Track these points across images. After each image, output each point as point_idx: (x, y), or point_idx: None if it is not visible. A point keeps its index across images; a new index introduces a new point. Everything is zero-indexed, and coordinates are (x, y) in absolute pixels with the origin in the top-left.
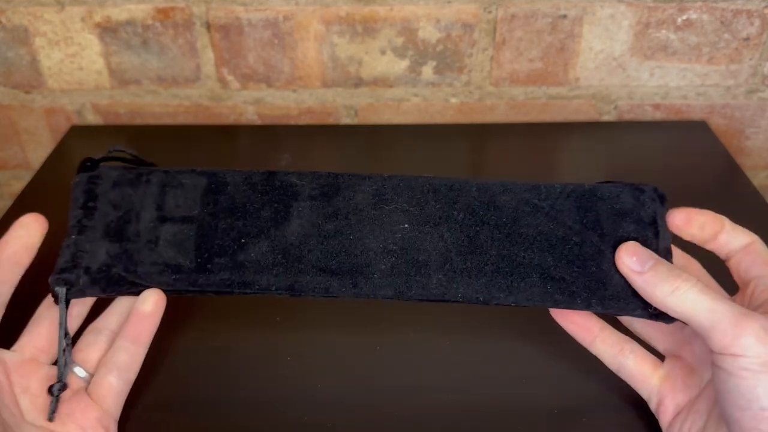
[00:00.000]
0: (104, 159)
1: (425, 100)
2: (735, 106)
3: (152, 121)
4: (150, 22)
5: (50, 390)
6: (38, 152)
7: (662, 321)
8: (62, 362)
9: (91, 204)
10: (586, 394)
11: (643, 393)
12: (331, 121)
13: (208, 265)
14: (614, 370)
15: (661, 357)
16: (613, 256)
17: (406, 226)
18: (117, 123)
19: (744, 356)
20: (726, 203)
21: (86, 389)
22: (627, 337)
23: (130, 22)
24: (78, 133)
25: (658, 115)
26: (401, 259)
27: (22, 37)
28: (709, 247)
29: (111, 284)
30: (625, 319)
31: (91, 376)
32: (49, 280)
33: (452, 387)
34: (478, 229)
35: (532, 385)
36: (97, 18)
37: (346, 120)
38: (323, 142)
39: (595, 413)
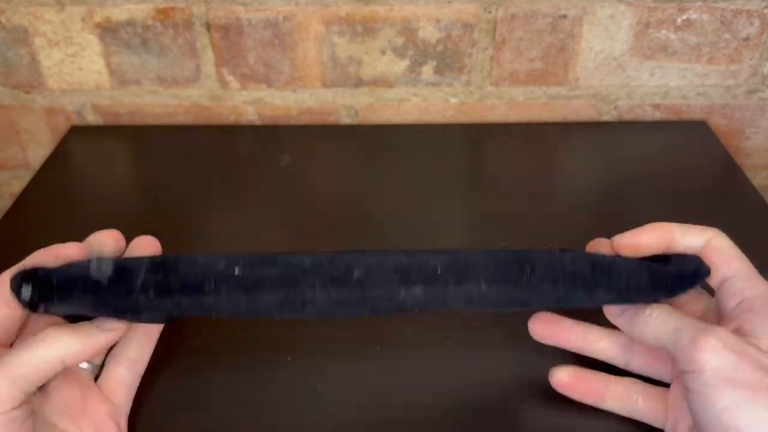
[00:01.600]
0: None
1: (425, 100)
2: (735, 106)
3: (152, 121)
4: (150, 22)
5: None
6: (38, 152)
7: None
8: None
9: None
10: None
11: (660, 425)
12: (331, 121)
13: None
14: (627, 415)
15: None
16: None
17: None
18: (117, 123)
19: (702, 371)
20: (726, 203)
21: (95, 381)
22: (632, 380)
23: (130, 23)
24: (78, 133)
25: (658, 115)
26: None
27: (21, 37)
28: None
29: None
30: (630, 363)
31: (96, 366)
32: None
33: (452, 387)
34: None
35: (532, 385)
36: (97, 18)
37: (346, 120)
38: (323, 142)
39: (595, 413)
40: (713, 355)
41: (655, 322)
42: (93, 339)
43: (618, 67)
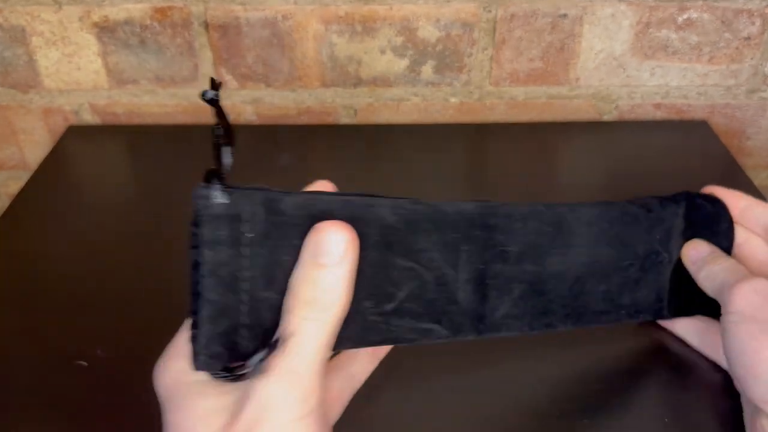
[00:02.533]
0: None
1: (425, 100)
2: (736, 105)
3: (150, 121)
4: (148, 21)
5: None
6: (36, 152)
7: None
8: None
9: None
10: (586, 395)
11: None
12: (330, 121)
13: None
14: (696, 348)
15: None
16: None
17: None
18: (115, 123)
19: (731, 312)
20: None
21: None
22: (707, 319)
23: (128, 22)
24: (76, 133)
25: (659, 115)
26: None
27: (19, 36)
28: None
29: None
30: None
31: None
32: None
33: (452, 387)
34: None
35: (532, 385)
36: (95, 17)
37: (345, 120)
38: (322, 142)
39: (595, 414)
40: (742, 298)
41: (714, 273)
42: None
43: (618, 67)
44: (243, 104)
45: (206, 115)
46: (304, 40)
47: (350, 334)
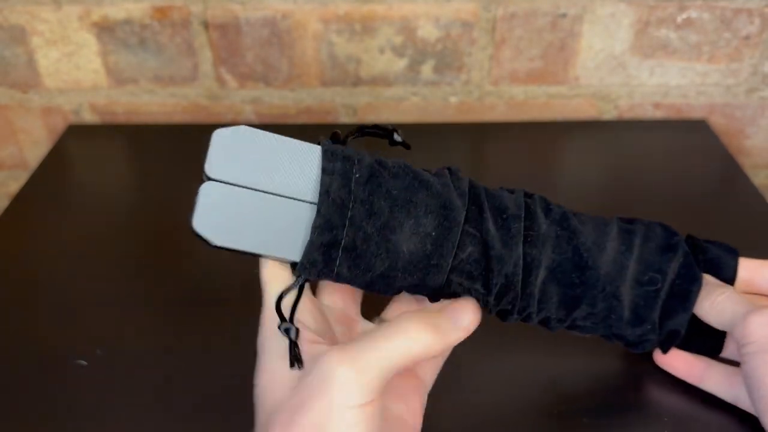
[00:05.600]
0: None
1: (424, 99)
2: (735, 105)
3: (150, 121)
4: (147, 21)
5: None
6: (35, 152)
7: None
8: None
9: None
10: (586, 395)
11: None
12: (329, 120)
13: None
14: (731, 402)
15: None
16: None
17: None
18: (114, 122)
19: (749, 342)
20: (726, 203)
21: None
22: (737, 369)
23: (127, 21)
24: (75, 132)
25: (659, 114)
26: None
27: (18, 36)
28: None
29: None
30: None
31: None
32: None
33: (452, 387)
34: None
35: (532, 385)
36: (95, 17)
37: (344, 119)
38: None
39: (595, 414)
40: (758, 328)
41: (721, 304)
42: (447, 337)
43: (618, 66)
44: (242, 104)
45: (206, 115)
46: (303, 40)
47: (431, 284)
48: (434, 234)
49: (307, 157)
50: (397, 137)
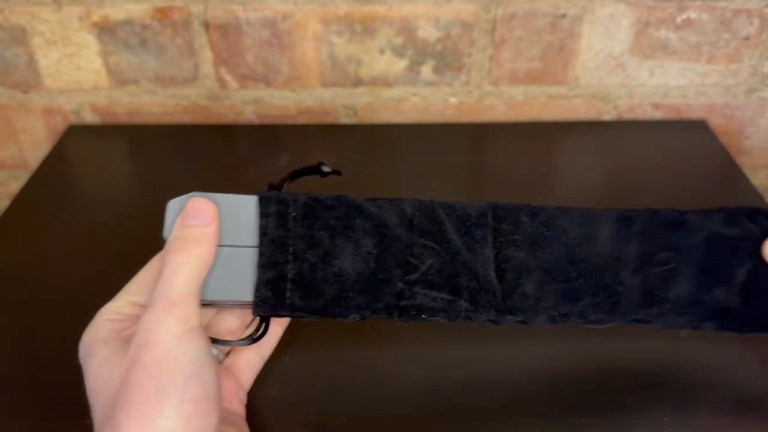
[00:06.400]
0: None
1: (424, 100)
2: (735, 105)
3: (150, 121)
4: (148, 21)
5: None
6: (36, 152)
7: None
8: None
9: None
10: (586, 395)
11: None
12: (330, 120)
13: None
14: None
15: None
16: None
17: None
18: (115, 123)
19: None
20: (725, 203)
21: (222, 362)
22: None
23: (128, 22)
24: (76, 133)
25: (658, 115)
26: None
27: (19, 36)
28: None
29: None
30: None
31: (222, 354)
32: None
33: (452, 387)
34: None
35: (532, 384)
36: (95, 17)
37: (344, 120)
38: (322, 142)
39: (595, 414)
40: None
41: None
42: (194, 233)
43: (618, 67)
44: (243, 104)
45: (206, 116)
46: (303, 40)
47: (383, 299)
48: (375, 252)
49: (247, 208)
50: (325, 168)
